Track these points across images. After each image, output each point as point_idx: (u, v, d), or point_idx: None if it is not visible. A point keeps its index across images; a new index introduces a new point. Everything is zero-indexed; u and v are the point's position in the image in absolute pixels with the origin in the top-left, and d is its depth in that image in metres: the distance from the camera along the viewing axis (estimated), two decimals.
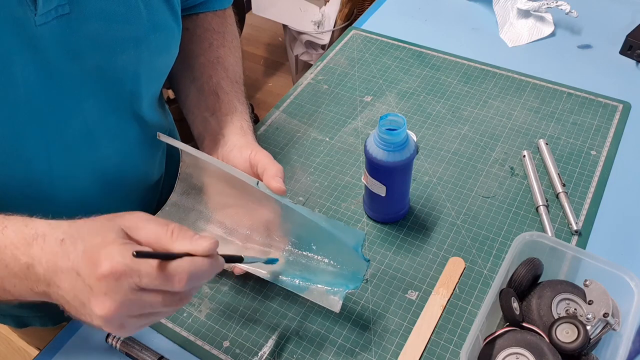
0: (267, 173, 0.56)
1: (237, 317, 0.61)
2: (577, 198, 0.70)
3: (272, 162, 0.58)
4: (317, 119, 0.84)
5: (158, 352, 0.58)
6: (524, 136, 0.79)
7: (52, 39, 0.49)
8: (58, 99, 0.52)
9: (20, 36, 0.47)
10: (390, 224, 0.69)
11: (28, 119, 0.51)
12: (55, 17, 0.48)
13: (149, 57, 0.58)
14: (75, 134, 0.56)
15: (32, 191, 0.55)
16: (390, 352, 0.58)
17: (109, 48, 0.54)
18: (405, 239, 0.68)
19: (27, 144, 0.53)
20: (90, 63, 0.53)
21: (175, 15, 0.61)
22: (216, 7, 0.73)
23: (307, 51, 2.04)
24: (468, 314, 0.60)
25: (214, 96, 0.67)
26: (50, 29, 0.49)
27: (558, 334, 0.52)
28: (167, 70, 0.65)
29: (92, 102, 0.56)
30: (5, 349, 1.55)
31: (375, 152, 0.60)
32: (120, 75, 0.57)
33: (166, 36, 0.60)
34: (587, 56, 0.93)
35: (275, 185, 0.55)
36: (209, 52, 0.70)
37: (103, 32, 0.53)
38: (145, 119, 0.64)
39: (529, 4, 0.97)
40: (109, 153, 0.61)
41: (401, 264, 0.65)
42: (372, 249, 0.67)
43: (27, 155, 0.54)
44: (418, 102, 0.86)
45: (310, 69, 0.94)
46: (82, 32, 0.51)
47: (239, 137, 0.63)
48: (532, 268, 0.56)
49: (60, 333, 0.61)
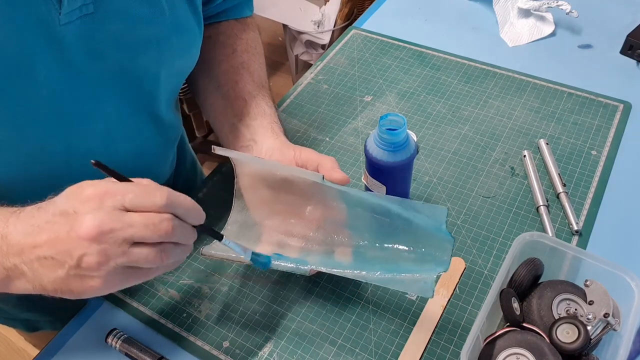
0: (324, 167, 0.55)
1: (237, 317, 0.61)
2: (578, 198, 0.70)
3: (322, 155, 0.57)
4: (317, 119, 0.84)
5: (158, 352, 0.58)
6: (525, 136, 0.79)
7: (76, 38, 0.49)
8: (80, 99, 0.52)
9: (44, 35, 0.47)
10: None
11: (51, 120, 0.51)
12: (79, 16, 0.48)
13: (170, 58, 0.58)
14: (96, 134, 0.56)
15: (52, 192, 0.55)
16: (390, 352, 0.58)
17: (132, 48, 0.54)
18: None
19: (50, 146, 0.53)
20: (113, 63, 0.53)
21: (197, 17, 0.60)
22: (238, 15, 0.73)
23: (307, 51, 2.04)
24: (468, 314, 0.60)
25: (241, 101, 0.65)
26: (74, 28, 0.49)
27: (558, 334, 0.51)
28: (186, 72, 0.64)
29: (113, 103, 0.56)
30: (5, 349, 1.55)
31: (375, 152, 0.60)
32: (140, 76, 0.57)
33: (188, 38, 0.60)
34: (588, 56, 0.93)
35: (338, 176, 0.54)
36: (233, 58, 0.69)
37: (126, 32, 0.52)
38: (161, 120, 0.64)
39: (529, 4, 0.97)
40: (126, 153, 0.61)
41: None
42: None
43: (50, 157, 0.54)
44: (418, 102, 0.86)
45: (310, 68, 0.94)
46: (105, 32, 0.51)
47: (272, 140, 0.61)
48: (533, 268, 0.56)
49: (60, 333, 0.61)
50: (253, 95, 0.66)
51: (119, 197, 0.41)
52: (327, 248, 0.58)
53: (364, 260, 0.56)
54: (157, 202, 0.42)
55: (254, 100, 0.65)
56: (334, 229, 0.58)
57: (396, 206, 0.53)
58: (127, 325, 0.61)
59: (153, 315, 0.62)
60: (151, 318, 0.61)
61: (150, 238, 0.42)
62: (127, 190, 0.42)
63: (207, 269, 0.66)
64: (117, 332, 0.59)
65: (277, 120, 0.65)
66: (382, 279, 0.54)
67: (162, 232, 0.42)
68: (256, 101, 0.65)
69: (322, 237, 0.58)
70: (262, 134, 0.62)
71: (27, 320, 0.78)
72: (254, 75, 0.68)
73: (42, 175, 0.54)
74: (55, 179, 0.54)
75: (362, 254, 0.56)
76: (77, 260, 0.41)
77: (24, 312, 0.76)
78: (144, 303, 0.63)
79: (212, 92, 0.68)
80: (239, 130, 0.63)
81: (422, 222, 0.53)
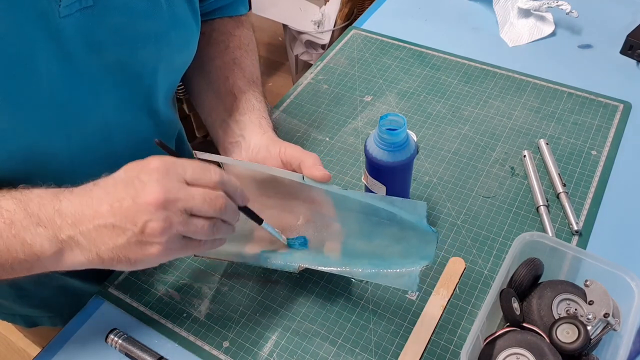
0: (305, 164, 0.55)
1: (237, 317, 0.61)
2: (578, 198, 0.70)
3: (305, 152, 0.57)
4: (317, 119, 0.84)
5: (158, 353, 0.58)
6: (525, 136, 0.79)
7: (75, 31, 0.49)
8: (78, 92, 0.53)
9: (44, 28, 0.47)
10: None
11: (50, 113, 0.51)
12: (78, 9, 0.49)
13: (168, 53, 0.59)
14: (94, 128, 0.57)
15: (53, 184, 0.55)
16: (390, 352, 0.58)
17: (131, 42, 0.54)
18: None
19: (50, 139, 0.53)
20: (112, 57, 0.54)
21: (194, 13, 0.61)
22: (233, 12, 0.73)
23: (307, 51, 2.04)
24: (468, 314, 0.60)
25: (231, 97, 0.66)
26: (74, 21, 0.49)
27: (558, 334, 0.51)
28: (184, 67, 0.65)
29: (111, 97, 0.56)
30: (5, 349, 1.55)
31: (375, 152, 0.60)
32: (139, 70, 0.57)
33: (185, 33, 0.60)
34: (588, 56, 0.93)
35: (319, 174, 0.54)
36: (225, 54, 0.69)
37: (125, 27, 0.53)
38: (159, 115, 0.64)
39: (529, 4, 0.97)
40: (124, 147, 0.61)
41: None
42: None
43: (51, 150, 0.54)
44: (418, 102, 0.86)
45: (310, 68, 0.94)
46: (104, 26, 0.51)
47: (259, 136, 0.61)
48: (533, 268, 0.56)
49: (60, 333, 0.61)
50: (243, 91, 0.66)
51: (181, 170, 0.45)
52: (317, 242, 0.59)
53: (352, 255, 0.57)
54: (213, 179, 0.46)
55: (243, 95, 0.66)
56: (322, 223, 0.59)
57: (379, 202, 0.55)
58: (127, 325, 0.61)
59: (153, 315, 0.62)
60: (151, 318, 0.61)
61: (207, 212, 0.46)
62: (188, 165, 0.46)
63: (207, 269, 0.66)
64: (117, 332, 0.59)
65: (266, 116, 0.65)
66: (368, 273, 0.56)
67: (217, 207, 0.46)
68: (246, 96, 0.66)
69: (311, 231, 0.60)
70: (251, 129, 0.62)
71: (26, 316, 0.78)
72: (245, 71, 0.69)
73: (42, 166, 0.54)
74: (55, 172, 0.54)
75: (349, 248, 0.58)
76: (142, 227, 0.43)
77: (23, 308, 0.76)
78: (144, 303, 0.63)
79: (204, 89, 0.69)
80: (229, 126, 0.64)
81: (405, 216, 0.54)
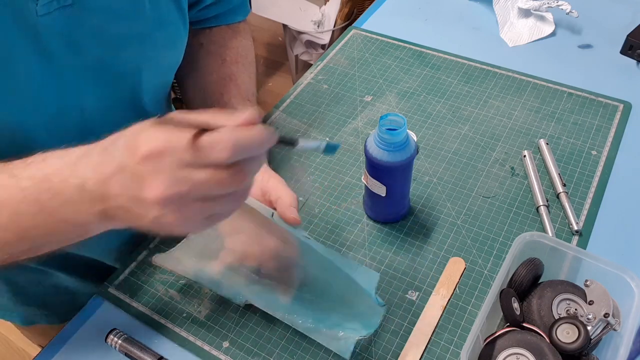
0: (281, 202, 0.54)
1: (237, 317, 0.61)
2: (578, 198, 0.70)
3: (286, 189, 0.56)
4: (317, 119, 0.84)
5: (158, 353, 0.58)
6: (525, 136, 0.79)
7: (54, 30, 0.49)
8: (57, 90, 0.52)
9: (21, 25, 0.47)
10: (390, 224, 0.69)
11: (28, 108, 0.51)
12: (57, 7, 0.49)
13: (153, 53, 0.58)
14: (77, 127, 0.56)
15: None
16: (390, 352, 0.58)
17: (112, 43, 0.54)
18: (405, 239, 0.68)
19: (30, 134, 0.53)
20: (92, 57, 0.53)
21: (181, 11, 0.60)
22: (230, 20, 0.73)
23: (307, 51, 2.04)
24: (468, 314, 0.60)
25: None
26: (53, 19, 0.49)
27: (558, 334, 0.51)
28: (173, 67, 0.64)
29: (91, 96, 0.56)
30: (4, 349, 1.55)
31: (375, 152, 0.60)
32: (121, 70, 0.56)
33: (171, 32, 0.60)
34: (588, 56, 0.93)
35: (290, 216, 0.53)
36: (222, 68, 0.69)
37: (106, 27, 0.52)
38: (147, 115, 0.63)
39: (529, 3, 0.97)
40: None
41: (401, 264, 0.65)
42: (372, 249, 0.67)
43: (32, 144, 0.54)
44: (418, 102, 0.86)
45: (310, 68, 0.94)
46: (84, 25, 0.51)
47: None
48: (533, 268, 0.56)
49: (60, 333, 0.61)
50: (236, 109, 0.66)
51: (178, 154, 0.36)
52: (273, 282, 0.58)
53: (301, 303, 0.57)
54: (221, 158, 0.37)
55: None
56: (285, 264, 0.58)
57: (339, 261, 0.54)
58: (127, 325, 0.61)
59: (153, 315, 0.62)
60: (151, 318, 0.61)
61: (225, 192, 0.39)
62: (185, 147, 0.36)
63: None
64: (117, 332, 0.59)
65: None
66: (307, 327, 0.56)
67: (235, 184, 0.38)
68: None
69: (272, 268, 0.58)
70: None
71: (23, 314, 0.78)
72: (240, 87, 0.68)
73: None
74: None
75: (301, 296, 0.57)
76: (154, 220, 0.39)
77: (19, 306, 0.76)
78: (144, 303, 0.63)
79: (200, 103, 0.68)
80: None
81: (358, 282, 0.55)
